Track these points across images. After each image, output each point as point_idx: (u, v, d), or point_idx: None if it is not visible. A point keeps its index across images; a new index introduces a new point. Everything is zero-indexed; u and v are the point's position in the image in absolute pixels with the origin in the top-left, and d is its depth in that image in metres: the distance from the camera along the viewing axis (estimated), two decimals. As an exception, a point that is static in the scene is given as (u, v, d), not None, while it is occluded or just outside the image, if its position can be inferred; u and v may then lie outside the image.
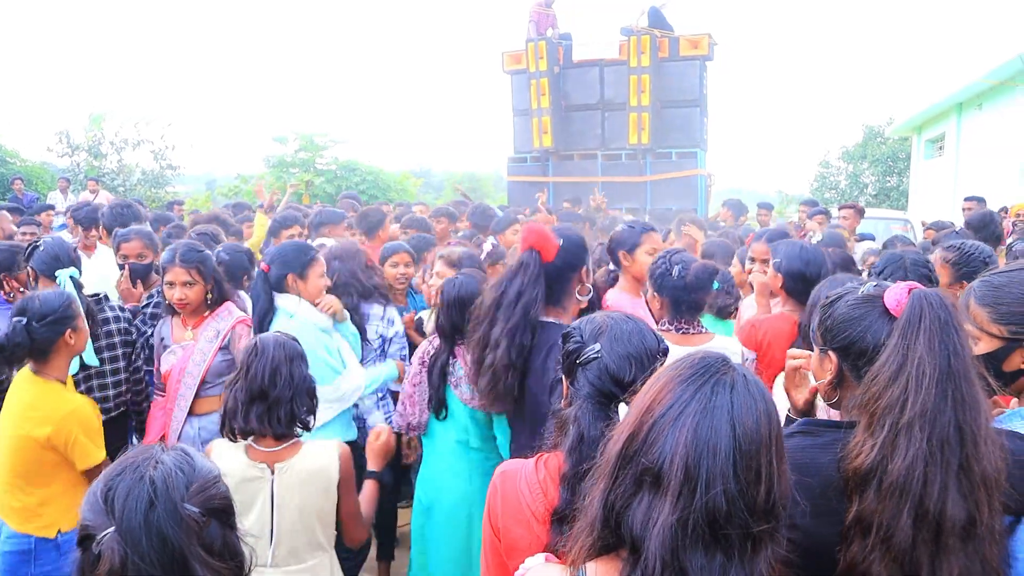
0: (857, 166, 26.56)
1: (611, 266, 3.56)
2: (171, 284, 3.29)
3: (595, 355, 1.60)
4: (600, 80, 11.20)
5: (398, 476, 3.68)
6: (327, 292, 3.46)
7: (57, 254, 3.35)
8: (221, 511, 1.35)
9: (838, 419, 1.60)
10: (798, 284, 2.98)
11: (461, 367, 2.92)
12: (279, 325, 3.17)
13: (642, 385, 1.59)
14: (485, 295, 2.66)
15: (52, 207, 9.64)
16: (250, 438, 2.34)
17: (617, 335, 1.62)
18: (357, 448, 3.23)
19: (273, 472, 2.31)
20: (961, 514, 1.31)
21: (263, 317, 3.28)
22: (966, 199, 8.36)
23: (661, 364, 1.64)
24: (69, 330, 2.70)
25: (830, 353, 1.57)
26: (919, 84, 18.53)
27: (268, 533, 2.32)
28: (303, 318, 3.24)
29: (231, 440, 2.34)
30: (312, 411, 2.41)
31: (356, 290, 3.74)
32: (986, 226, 5.11)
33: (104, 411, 3.25)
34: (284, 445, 2.33)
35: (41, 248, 3.42)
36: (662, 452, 1.09)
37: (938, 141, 18.27)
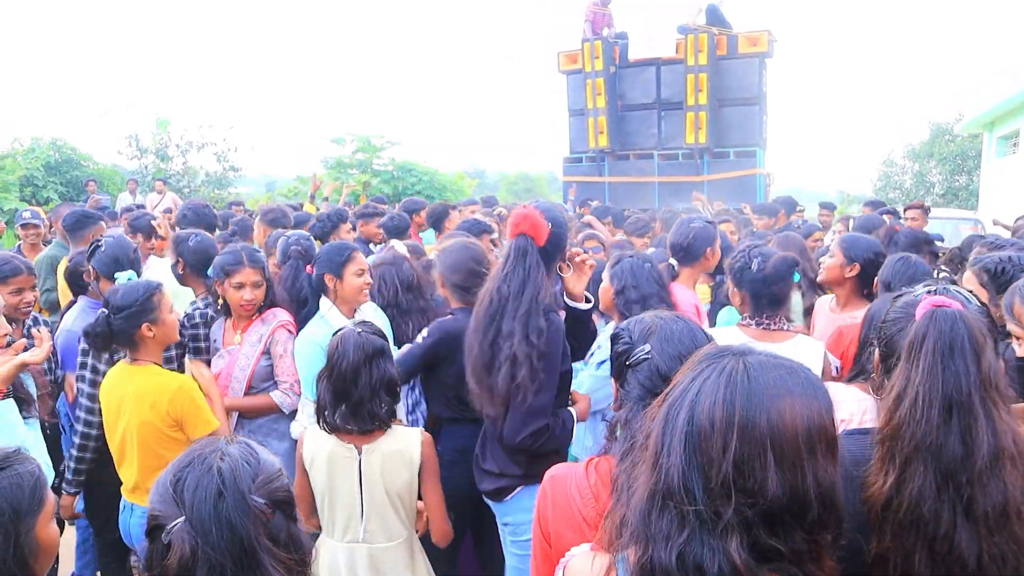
0: (923, 165, 25.78)
1: (671, 260, 3.51)
2: (241, 285, 3.26)
3: (645, 356, 1.57)
4: (656, 79, 11.08)
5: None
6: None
7: (117, 255, 3.42)
8: (285, 503, 1.37)
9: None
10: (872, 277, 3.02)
11: None
12: (312, 327, 3.27)
13: None
14: (482, 293, 2.58)
15: (142, 207, 9.83)
16: None
17: (667, 335, 1.60)
18: None
19: (360, 452, 2.48)
20: (974, 552, 1.25)
21: (307, 319, 3.34)
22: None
23: None
24: (147, 323, 2.75)
25: (877, 350, 1.61)
26: (991, 78, 17.77)
27: (359, 511, 2.50)
28: (329, 324, 3.21)
29: (325, 431, 2.50)
30: (391, 408, 2.51)
31: (393, 309, 3.61)
32: None
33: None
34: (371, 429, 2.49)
35: (102, 248, 3.48)
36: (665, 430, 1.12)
37: (1012, 138, 17.56)
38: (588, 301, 2.82)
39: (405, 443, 2.52)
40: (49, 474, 2.22)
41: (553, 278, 2.63)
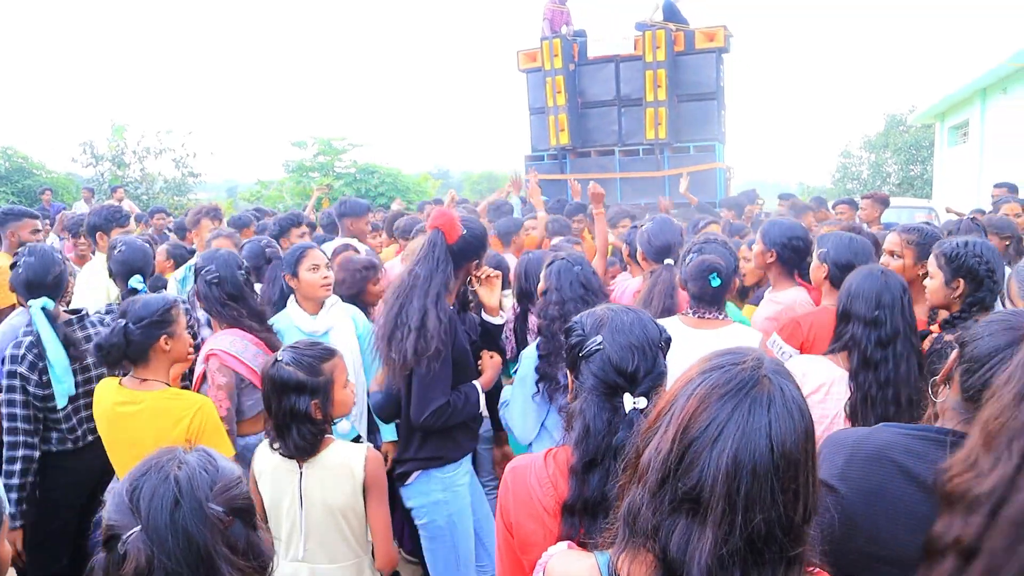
0: (879, 155, 26.30)
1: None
2: (316, 267, 3.41)
3: (597, 347, 1.60)
4: (616, 76, 11.13)
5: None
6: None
7: (128, 259, 3.53)
8: (244, 511, 1.36)
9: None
10: (846, 274, 2.99)
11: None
12: (277, 325, 3.37)
13: (648, 378, 1.59)
14: (396, 275, 2.97)
15: (164, 210, 9.63)
16: None
17: (618, 326, 1.62)
18: None
19: (301, 467, 2.40)
20: None
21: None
22: (996, 185, 8.24)
23: (664, 353, 1.63)
24: (165, 335, 2.67)
25: (956, 350, 1.52)
26: (941, 70, 18.21)
27: (299, 526, 2.41)
28: (290, 322, 3.39)
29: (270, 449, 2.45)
30: (314, 436, 2.39)
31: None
32: None
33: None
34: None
35: (117, 252, 3.58)
36: (701, 476, 1.05)
37: (962, 128, 18.00)
38: (503, 317, 3.20)
39: (347, 458, 2.41)
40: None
41: (462, 281, 3.06)
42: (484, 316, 3.18)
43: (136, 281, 3.46)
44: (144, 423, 2.62)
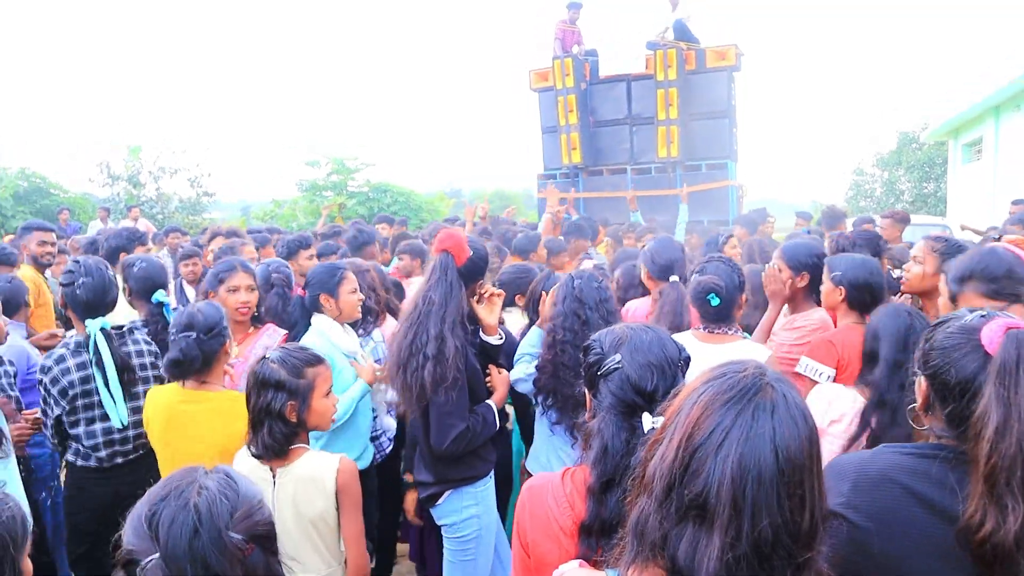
0: (892, 173, 26.20)
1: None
2: (236, 289, 3.47)
3: (616, 365, 1.59)
4: (627, 95, 11.19)
5: (401, 492, 3.67)
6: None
7: (150, 275, 3.57)
8: (264, 537, 1.35)
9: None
10: (863, 295, 3.00)
11: None
12: (307, 340, 3.34)
13: (668, 397, 1.58)
14: (407, 301, 2.95)
15: (180, 230, 9.81)
16: None
17: (638, 345, 1.62)
18: (370, 473, 3.40)
19: (275, 474, 2.39)
20: None
21: (296, 337, 3.41)
22: (1013, 202, 8.22)
23: (684, 372, 1.62)
24: (228, 340, 2.85)
25: (922, 378, 1.50)
26: (954, 87, 18.14)
27: None
28: (331, 339, 3.35)
29: (256, 458, 2.43)
30: (285, 438, 2.38)
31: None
32: None
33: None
34: (288, 451, 2.41)
35: (135, 269, 3.60)
36: (707, 483, 1.05)
37: (976, 145, 17.91)
38: (501, 337, 3.18)
39: (319, 469, 2.39)
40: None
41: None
42: (482, 336, 3.16)
43: (161, 295, 3.49)
44: (209, 421, 2.73)
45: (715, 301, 2.98)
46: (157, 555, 1.24)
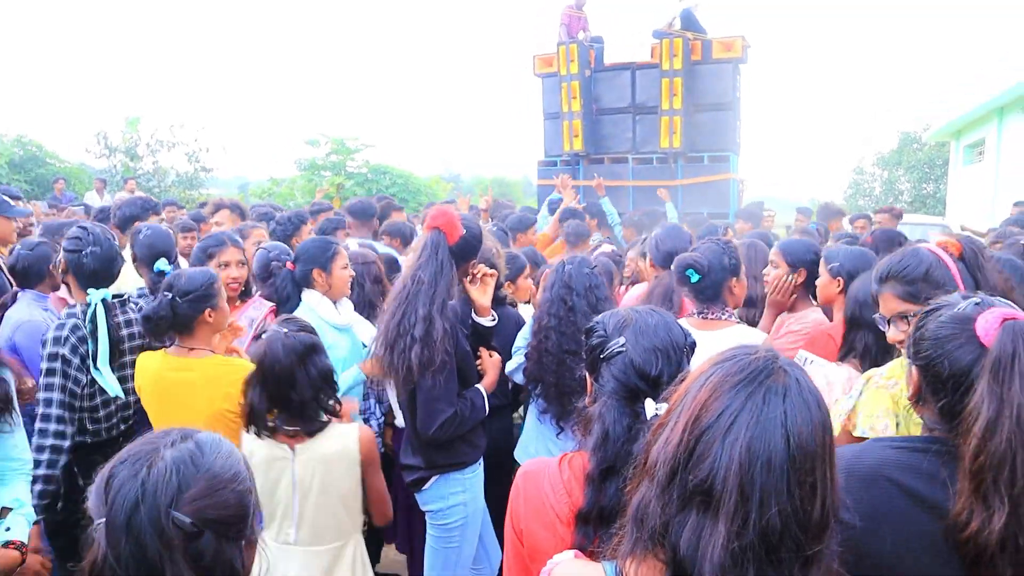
0: (892, 172, 26.20)
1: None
2: (226, 264, 3.51)
3: (620, 349, 1.54)
4: (632, 83, 11.09)
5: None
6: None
7: (153, 243, 3.55)
8: (218, 522, 1.21)
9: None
10: None
11: None
12: (298, 314, 3.24)
13: (673, 381, 1.53)
14: (398, 279, 2.86)
15: (176, 203, 9.74)
16: None
17: (642, 328, 1.56)
18: None
19: (294, 452, 2.39)
20: None
21: (289, 312, 3.33)
22: (1015, 204, 8.22)
23: (689, 358, 1.58)
24: (209, 308, 2.79)
25: (913, 368, 1.45)
26: (958, 88, 18.12)
27: (292, 512, 2.42)
28: (320, 314, 3.32)
29: (257, 436, 2.40)
30: (334, 396, 2.47)
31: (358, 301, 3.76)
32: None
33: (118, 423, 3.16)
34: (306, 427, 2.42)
35: (140, 236, 3.61)
36: (713, 468, 1.00)
37: (978, 146, 17.90)
38: (494, 319, 3.09)
39: (342, 443, 2.42)
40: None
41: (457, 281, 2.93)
42: (474, 317, 3.06)
43: (163, 264, 3.43)
44: (198, 389, 2.70)
45: (694, 277, 2.94)
46: (103, 520, 1.16)
